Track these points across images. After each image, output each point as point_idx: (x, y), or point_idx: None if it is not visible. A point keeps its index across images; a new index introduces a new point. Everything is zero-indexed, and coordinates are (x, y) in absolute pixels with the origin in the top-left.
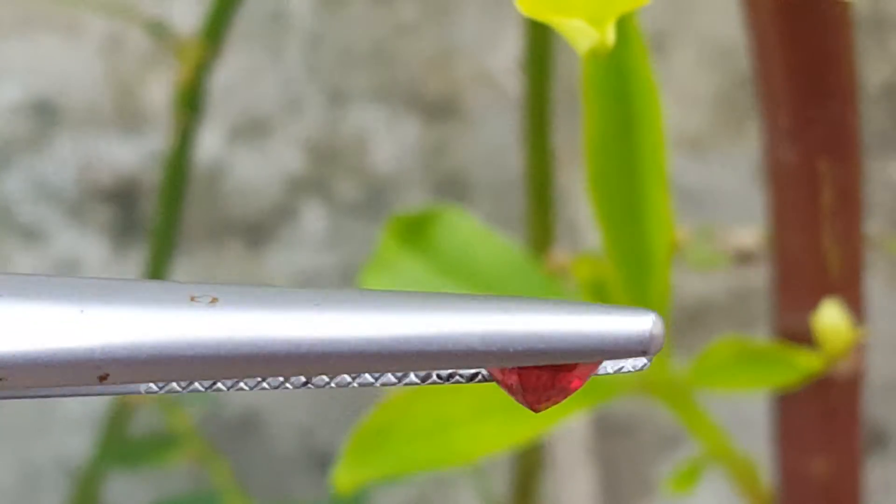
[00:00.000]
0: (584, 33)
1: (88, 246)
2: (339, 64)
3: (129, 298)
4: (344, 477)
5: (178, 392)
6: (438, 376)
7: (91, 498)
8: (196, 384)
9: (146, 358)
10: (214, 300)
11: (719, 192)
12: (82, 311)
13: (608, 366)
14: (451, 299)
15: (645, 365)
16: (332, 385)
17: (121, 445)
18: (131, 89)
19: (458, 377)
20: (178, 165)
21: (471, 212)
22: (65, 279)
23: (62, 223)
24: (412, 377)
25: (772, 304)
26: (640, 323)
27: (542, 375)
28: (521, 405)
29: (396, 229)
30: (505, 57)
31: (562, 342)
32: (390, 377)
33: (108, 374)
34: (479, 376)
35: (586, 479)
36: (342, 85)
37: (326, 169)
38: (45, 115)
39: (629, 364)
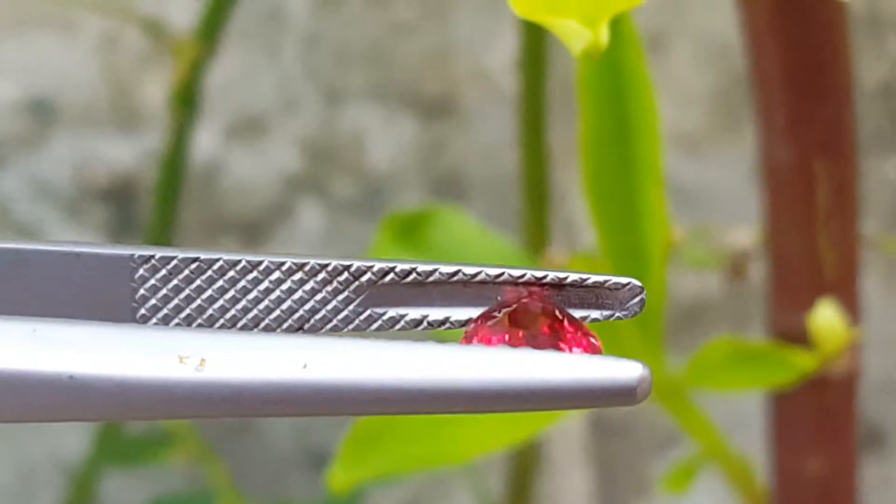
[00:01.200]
0: (577, 34)
1: None
2: (336, 63)
3: (116, 357)
4: (339, 476)
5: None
6: None
7: (87, 496)
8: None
9: (130, 411)
10: (203, 363)
11: (715, 191)
12: (71, 377)
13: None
14: (445, 348)
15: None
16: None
17: (117, 444)
18: (128, 88)
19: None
20: (175, 164)
21: (467, 210)
22: (54, 328)
23: (59, 222)
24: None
25: (767, 303)
26: (629, 371)
27: None
28: None
29: (392, 228)
30: (501, 56)
31: (552, 390)
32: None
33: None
34: None
35: (582, 479)
36: (338, 84)
37: (323, 168)
38: (41, 113)
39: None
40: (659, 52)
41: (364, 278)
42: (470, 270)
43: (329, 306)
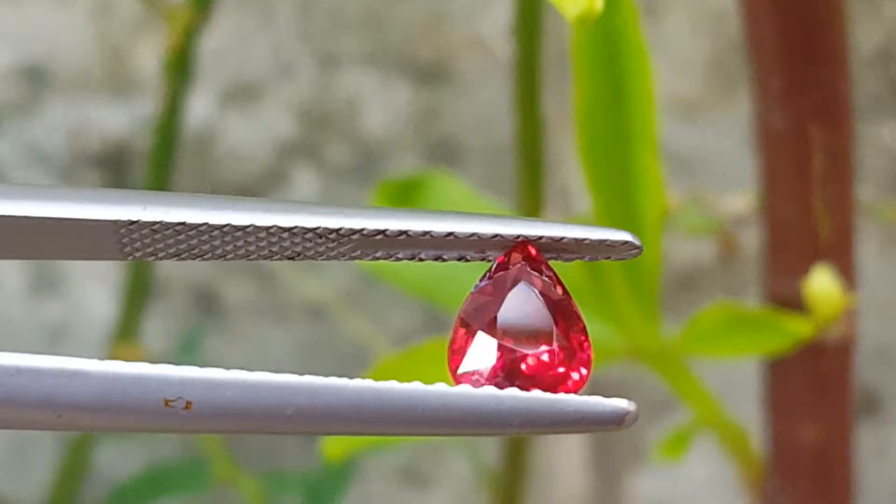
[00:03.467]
0: (572, 0)
1: None
2: (331, 28)
3: (101, 399)
4: (333, 445)
5: None
6: None
7: (82, 464)
8: None
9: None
10: (189, 406)
11: (710, 158)
12: (59, 416)
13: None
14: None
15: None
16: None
17: None
18: (122, 54)
19: None
20: (169, 130)
21: (461, 177)
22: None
23: None
24: None
25: (763, 269)
26: (617, 407)
27: None
28: None
29: (386, 194)
30: (496, 22)
31: (547, 419)
32: None
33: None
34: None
35: (577, 446)
36: (333, 49)
37: (317, 133)
38: (35, 80)
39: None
40: (654, 18)
41: (354, 237)
42: (463, 230)
43: (319, 249)
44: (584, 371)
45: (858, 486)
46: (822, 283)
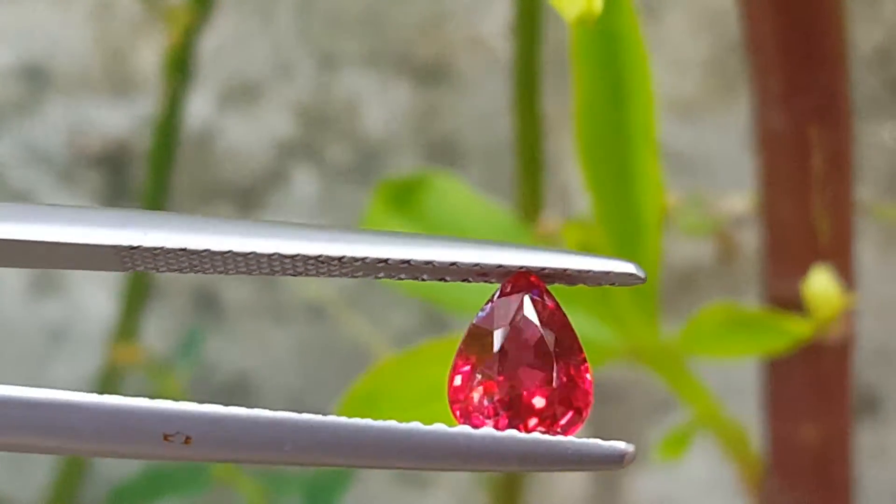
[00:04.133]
0: (571, 1)
1: None
2: (330, 28)
3: (100, 434)
4: None
5: None
6: None
7: (81, 464)
8: None
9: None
10: (188, 441)
11: (709, 158)
12: (58, 447)
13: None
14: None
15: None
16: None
17: None
18: (121, 54)
19: None
20: (168, 130)
21: (461, 176)
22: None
23: (52, 187)
24: None
25: (762, 269)
26: (617, 450)
27: None
28: None
29: (386, 194)
30: (495, 22)
31: (546, 460)
32: None
33: None
34: None
35: None
36: (333, 49)
37: (317, 133)
38: (35, 79)
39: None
40: (653, 18)
41: (356, 263)
42: (467, 260)
43: (321, 270)
44: (583, 407)
45: (858, 486)
46: (821, 284)
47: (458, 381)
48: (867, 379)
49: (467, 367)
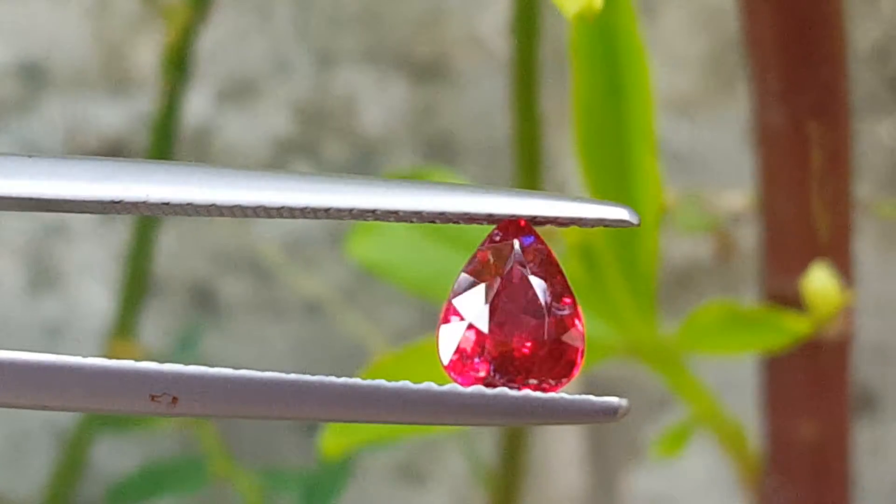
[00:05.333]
0: None
1: None
2: (328, 26)
3: (88, 395)
4: (331, 442)
5: None
6: None
7: (78, 461)
8: None
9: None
10: (175, 401)
11: (708, 155)
12: (45, 407)
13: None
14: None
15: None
16: None
17: None
18: (119, 51)
19: None
20: (166, 128)
21: (459, 174)
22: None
23: None
24: None
25: (760, 267)
26: (611, 405)
27: None
28: None
29: None
30: (494, 19)
31: (537, 417)
32: None
33: None
34: None
35: (574, 443)
36: (331, 47)
37: (315, 131)
38: (33, 77)
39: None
40: (652, 15)
41: (342, 213)
42: (456, 209)
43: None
44: (576, 359)
45: (856, 484)
46: (819, 281)
47: (448, 333)
48: (866, 376)
49: (458, 319)
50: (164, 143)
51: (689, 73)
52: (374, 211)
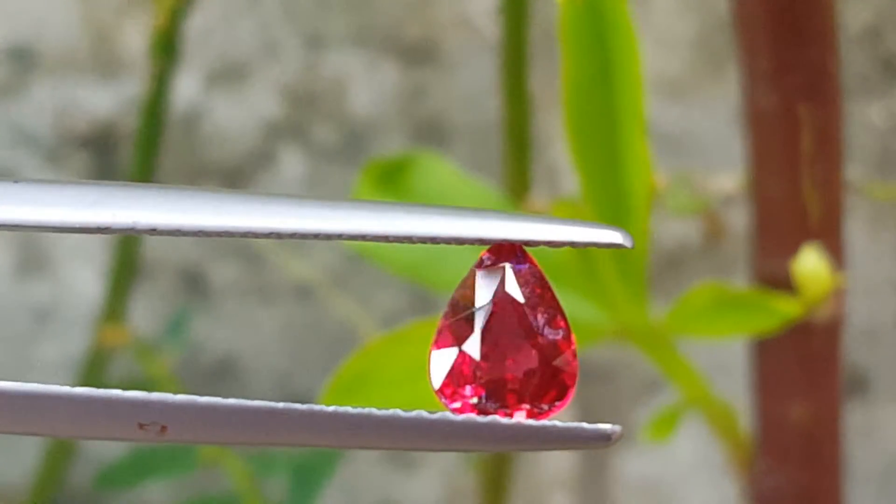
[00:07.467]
0: None
1: None
2: (317, 8)
3: (74, 425)
4: None
5: None
6: None
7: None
8: None
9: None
10: (164, 429)
11: (698, 137)
12: (34, 434)
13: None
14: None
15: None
16: None
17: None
18: (108, 35)
19: None
20: (155, 111)
21: (449, 156)
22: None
23: (39, 169)
24: None
25: (751, 249)
26: (604, 432)
27: None
28: None
29: (373, 175)
30: (483, 1)
31: (529, 445)
32: None
33: None
34: None
35: None
36: (320, 29)
37: (304, 114)
38: (21, 60)
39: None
40: None
41: (332, 238)
42: (447, 234)
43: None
44: (569, 385)
45: (847, 466)
46: (810, 263)
47: (439, 358)
48: (856, 358)
49: (449, 346)
50: (153, 126)
51: (679, 55)
52: (363, 236)
